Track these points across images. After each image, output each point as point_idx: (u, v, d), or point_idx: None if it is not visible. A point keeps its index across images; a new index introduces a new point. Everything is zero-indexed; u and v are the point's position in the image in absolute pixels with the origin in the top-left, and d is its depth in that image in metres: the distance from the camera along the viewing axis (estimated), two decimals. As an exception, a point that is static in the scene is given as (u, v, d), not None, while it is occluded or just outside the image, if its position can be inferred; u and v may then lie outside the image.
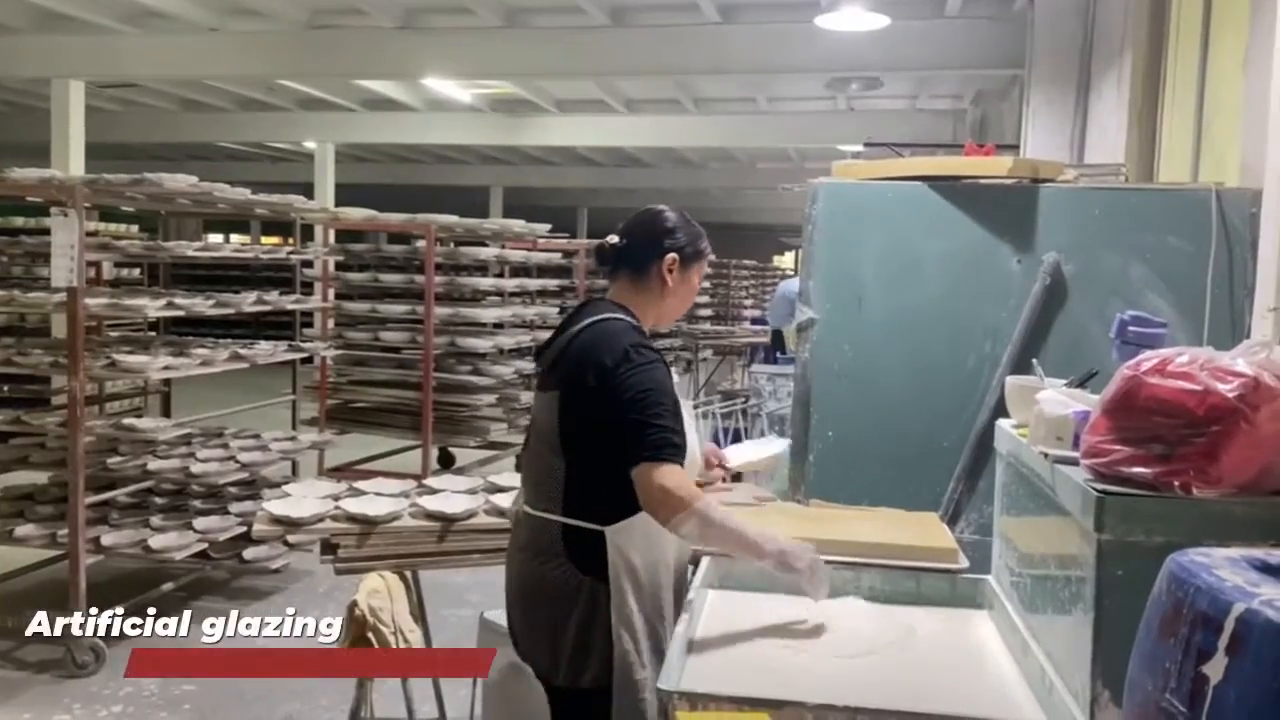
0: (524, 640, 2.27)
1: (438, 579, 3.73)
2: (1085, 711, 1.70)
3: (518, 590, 2.28)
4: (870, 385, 3.30)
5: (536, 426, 2.30)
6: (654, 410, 2.10)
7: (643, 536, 2.19)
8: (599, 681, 2.15)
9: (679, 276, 2.33)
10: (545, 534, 2.20)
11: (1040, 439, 2.00)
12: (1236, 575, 1.05)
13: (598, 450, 2.15)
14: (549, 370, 2.29)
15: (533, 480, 2.29)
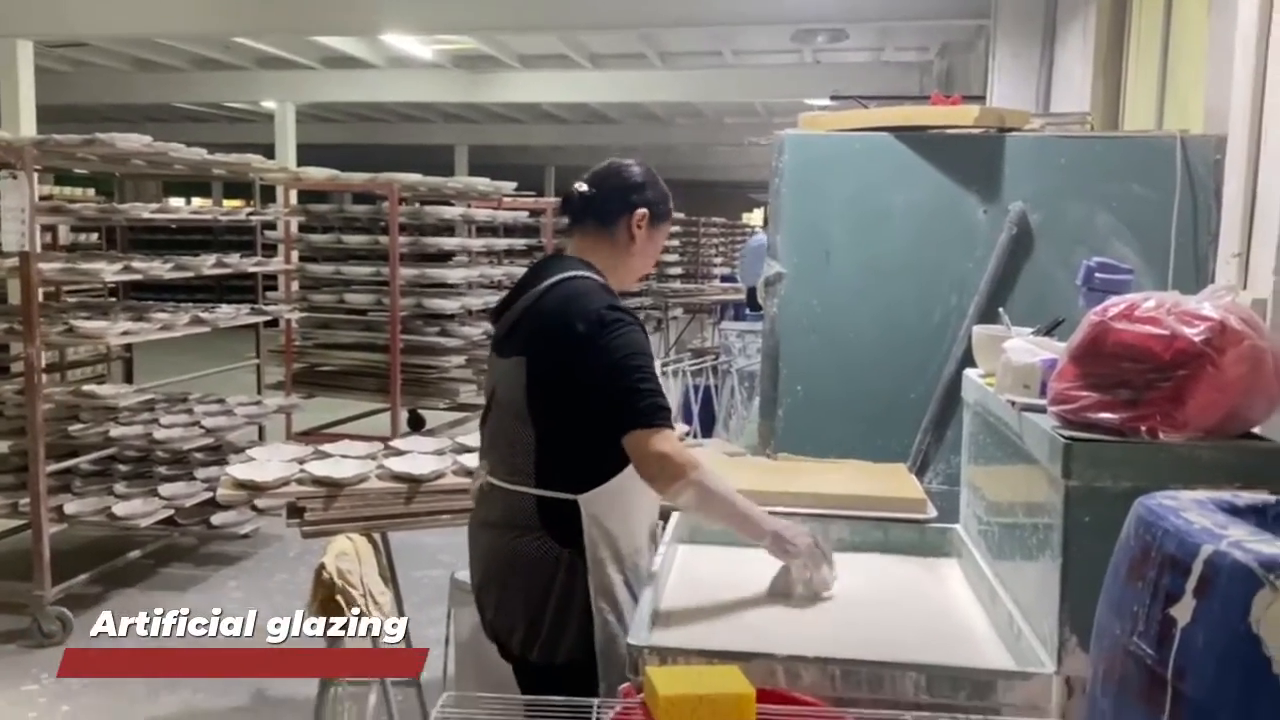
0: (497, 617, 2.18)
1: (408, 540, 3.71)
2: (1053, 656, 1.71)
3: (489, 566, 2.18)
4: (838, 339, 3.30)
5: (498, 395, 2.19)
6: (640, 375, 2.02)
7: (618, 503, 2.12)
8: (574, 655, 2.08)
9: (647, 234, 2.22)
10: (518, 507, 2.11)
11: (1007, 388, 1.99)
12: (1204, 518, 1.04)
13: (570, 418, 2.07)
14: (509, 334, 2.18)
15: (499, 452, 2.18)
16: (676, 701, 1.52)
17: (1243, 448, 1.62)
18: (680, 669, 1.65)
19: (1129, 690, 1.07)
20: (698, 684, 1.56)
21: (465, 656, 3.20)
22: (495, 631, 2.20)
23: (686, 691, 1.53)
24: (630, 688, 1.65)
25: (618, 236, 2.21)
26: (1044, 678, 1.68)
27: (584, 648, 2.08)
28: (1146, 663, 1.04)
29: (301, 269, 7.25)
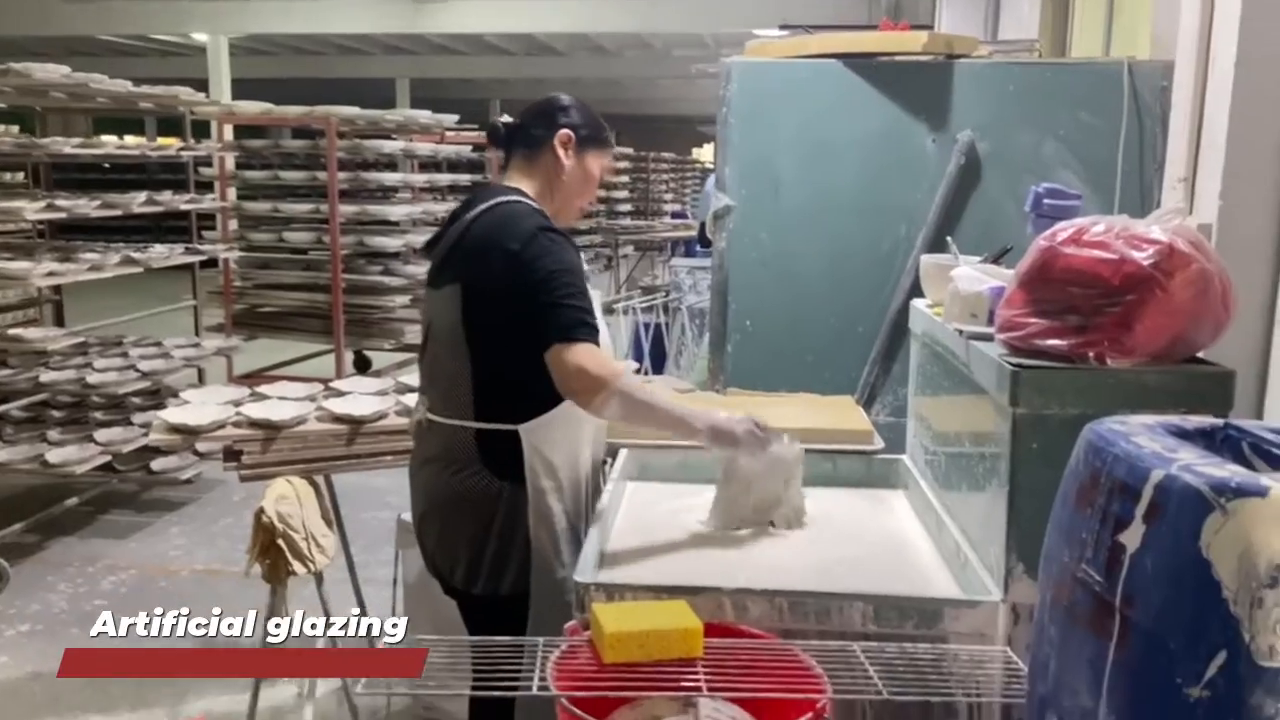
0: (439, 553, 2.15)
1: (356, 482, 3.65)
2: (999, 584, 1.71)
3: (429, 503, 2.15)
4: (787, 273, 3.26)
5: (435, 329, 2.14)
6: (564, 290, 1.96)
7: (560, 432, 2.09)
8: (517, 587, 2.07)
9: (575, 158, 2.16)
10: (457, 442, 2.07)
11: (955, 316, 1.97)
12: (1154, 442, 1.02)
13: (507, 345, 2.02)
14: (443, 264, 2.13)
15: (438, 388, 2.14)
16: (623, 638, 1.49)
17: (1189, 372, 1.61)
18: (627, 605, 1.62)
19: (1077, 617, 1.06)
20: (644, 619, 1.54)
21: (414, 597, 3.17)
22: (437, 567, 2.18)
23: (633, 627, 1.51)
24: (576, 625, 1.63)
25: (545, 161, 2.16)
26: (990, 605, 1.69)
27: (528, 580, 2.07)
28: (1095, 589, 1.02)
29: (238, 207, 7.03)
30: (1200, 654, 0.88)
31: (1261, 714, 0.86)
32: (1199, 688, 0.88)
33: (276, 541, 2.62)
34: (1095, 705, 1.00)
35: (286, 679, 3.35)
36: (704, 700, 1.51)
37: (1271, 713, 0.85)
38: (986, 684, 1.62)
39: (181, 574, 4.46)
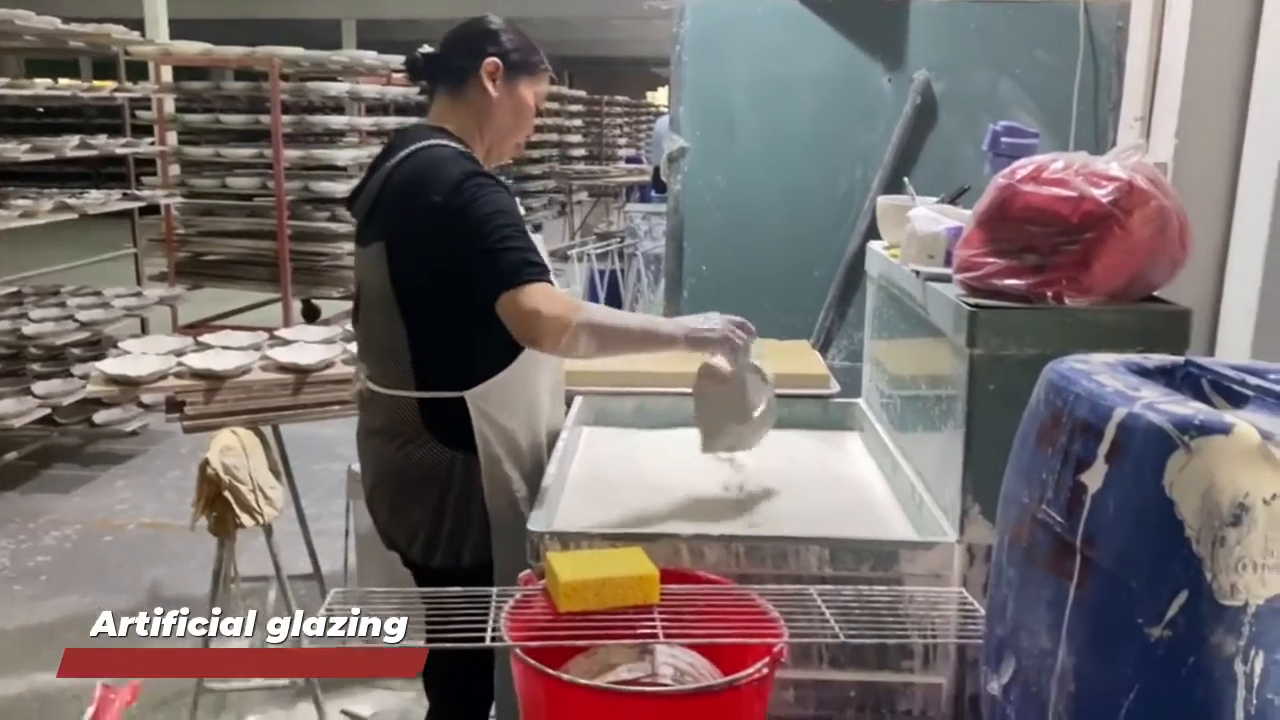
0: (393, 526, 2.02)
1: (306, 433, 3.59)
2: (955, 525, 1.71)
3: (379, 475, 2.01)
4: (742, 216, 3.23)
5: (365, 290, 1.96)
6: (499, 234, 1.77)
7: (512, 395, 1.95)
8: (477, 559, 1.94)
9: (504, 88, 1.95)
10: (401, 413, 1.92)
11: (912, 257, 1.95)
12: (1116, 380, 1.00)
13: (443, 307, 1.85)
14: (367, 219, 1.95)
15: (375, 354, 1.98)
16: (578, 586, 1.46)
17: (1146, 311, 1.60)
18: (582, 553, 1.59)
19: (1036, 558, 1.04)
20: (600, 567, 1.51)
21: (367, 549, 3.14)
22: (392, 540, 2.05)
23: (588, 576, 1.48)
24: (531, 575, 1.60)
25: (471, 95, 1.95)
26: (946, 547, 1.68)
27: (489, 550, 1.96)
28: (1055, 530, 1.01)
29: (179, 152, 6.81)
30: (1162, 594, 0.86)
31: (1222, 653, 0.85)
32: (1160, 627, 0.86)
33: (223, 494, 2.55)
34: (1055, 646, 0.99)
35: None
36: (660, 647, 1.49)
37: (1232, 651, 0.84)
38: (942, 625, 1.62)
39: (128, 528, 4.37)
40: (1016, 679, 1.07)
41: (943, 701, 1.74)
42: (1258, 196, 2.08)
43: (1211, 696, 0.85)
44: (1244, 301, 2.10)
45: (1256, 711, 0.85)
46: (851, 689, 1.72)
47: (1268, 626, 0.84)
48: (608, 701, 1.35)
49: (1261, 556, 0.83)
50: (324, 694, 2.91)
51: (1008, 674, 1.09)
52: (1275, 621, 0.84)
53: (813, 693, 1.72)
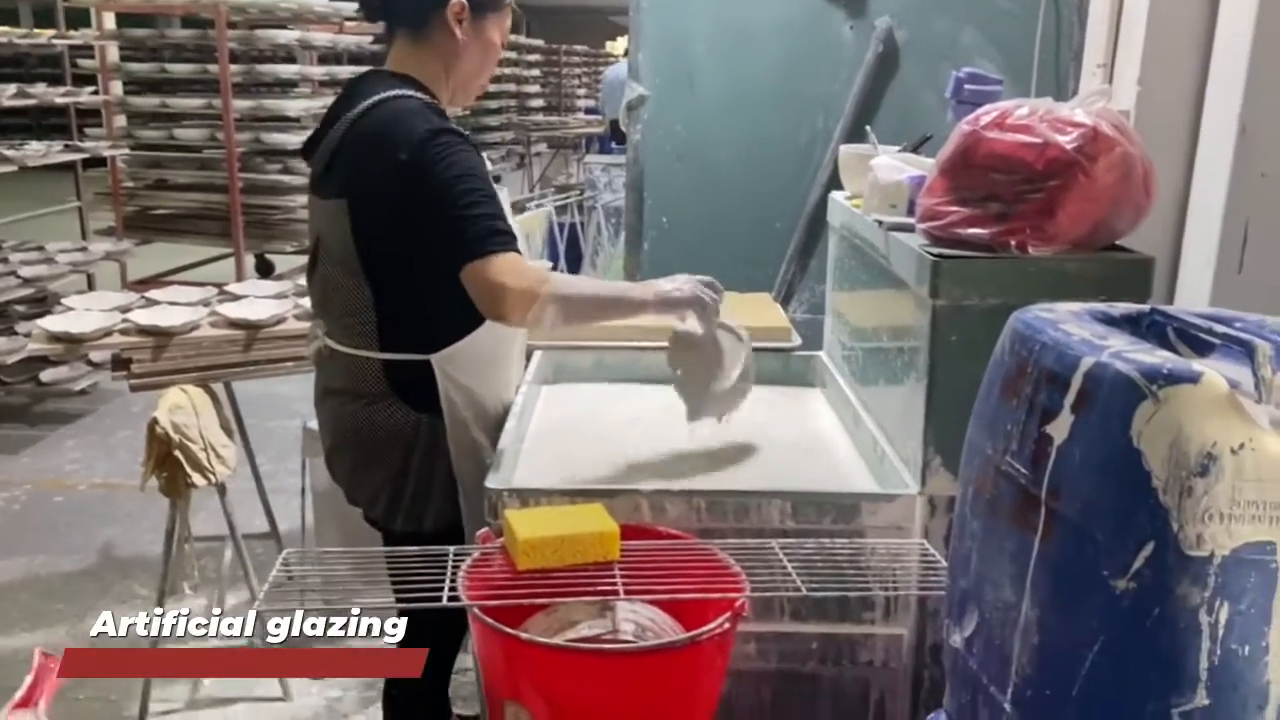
0: (354, 488, 1.96)
1: (260, 390, 3.52)
2: (916, 477, 1.70)
3: (340, 437, 1.94)
4: (703, 166, 3.18)
5: (325, 244, 1.88)
6: (466, 200, 1.70)
7: (481, 358, 1.89)
8: (441, 523, 1.89)
9: (471, 30, 1.85)
10: (364, 374, 1.86)
11: (874, 207, 1.92)
12: (1083, 329, 0.98)
13: (408, 267, 1.80)
14: (326, 171, 1.86)
15: (335, 312, 1.89)
16: (536, 544, 1.44)
17: (1109, 259, 1.59)
18: (541, 510, 1.56)
19: (1000, 510, 1.03)
20: (559, 524, 1.48)
21: (324, 507, 3.09)
22: (354, 500, 2.00)
23: (547, 533, 1.45)
24: (489, 533, 1.57)
25: (436, 39, 1.85)
26: (908, 498, 1.68)
27: (452, 514, 1.90)
28: (1020, 482, 0.99)
29: (123, 102, 6.60)
30: (1128, 545, 0.85)
31: (1187, 604, 0.84)
32: (1125, 579, 0.85)
33: (173, 454, 2.50)
34: (1018, 599, 0.98)
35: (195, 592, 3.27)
36: (621, 603, 1.48)
37: (1197, 602, 0.84)
38: (903, 576, 1.62)
39: (79, 489, 4.29)
40: (979, 632, 1.06)
41: (904, 651, 1.74)
42: (1219, 144, 2.07)
43: (1176, 648, 0.84)
44: (1204, 250, 2.10)
45: (1220, 662, 0.84)
46: (813, 640, 1.72)
47: (1233, 577, 0.83)
48: (567, 660, 1.33)
49: (1228, 507, 0.82)
50: (283, 653, 2.88)
51: (970, 627, 1.08)
52: (1241, 572, 0.83)
53: (774, 645, 1.72)
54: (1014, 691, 0.98)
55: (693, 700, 1.40)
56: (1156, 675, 0.85)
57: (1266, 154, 2.01)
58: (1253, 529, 0.83)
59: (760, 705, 1.76)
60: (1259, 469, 0.82)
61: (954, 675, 1.14)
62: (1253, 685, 0.84)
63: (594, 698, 1.32)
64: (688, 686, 1.38)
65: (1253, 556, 0.83)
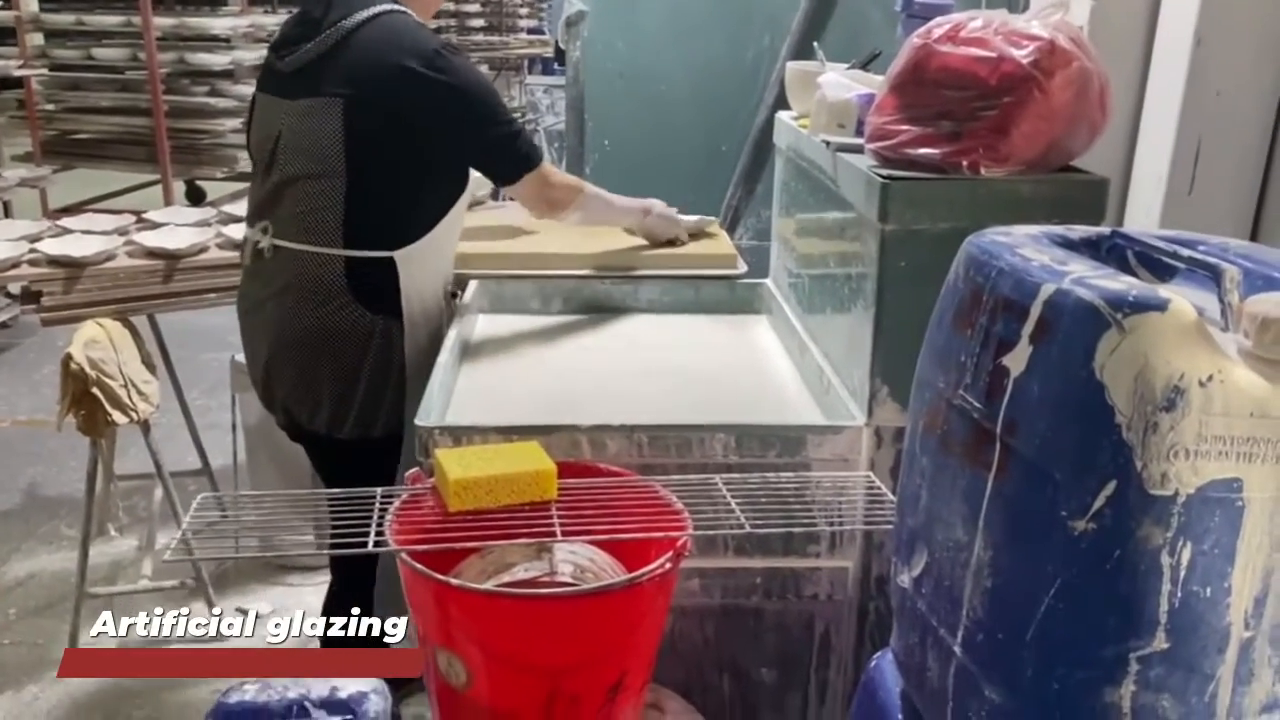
0: (295, 396, 1.93)
1: (190, 322, 3.38)
2: (863, 408, 1.65)
3: (282, 343, 1.91)
4: (646, 86, 3.07)
5: (290, 144, 1.87)
6: (503, 116, 1.94)
7: (432, 261, 1.95)
8: (390, 428, 1.90)
9: None
10: (320, 272, 1.85)
11: (822, 127, 1.84)
12: (1041, 254, 0.92)
13: (395, 167, 1.85)
14: (304, 74, 1.87)
15: (289, 210, 1.88)
16: (469, 484, 1.37)
17: (1064, 180, 1.52)
18: (474, 449, 1.48)
19: (952, 446, 0.97)
20: (492, 463, 1.41)
21: (256, 442, 2.99)
22: (291, 412, 1.97)
23: (480, 473, 1.38)
24: (418, 473, 1.49)
25: None
26: (854, 430, 1.63)
27: (400, 419, 1.91)
28: (973, 417, 0.93)
29: (37, 19, 6.23)
30: (1088, 485, 0.80)
31: (1149, 545, 0.79)
32: (1085, 520, 0.80)
33: (90, 391, 2.37)
34: (970, 539, 0.93)
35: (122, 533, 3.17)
36: (559, 544, 1.42)
37: (1159, 543, 0.79)
38: (849, 509, 1.58)
39: (2, 425, 4.12)
40: (929, 572, 1.02)
41: (849, 584, 1.71)
42: (1172, 59, 2.01)
43: (1136, 591, 0.80)
44: (1154, 170, 2.05)
45: (1181, 604, 0.80)
46: (757, 575, 1.68)
47: (1197, 516, 0.78)
48: (501, 606, 1.27)
49: (1195, 443, 0.77)
50: (217, 592, 2.80)
51: (919, 566, 1.04)
52: (1205, 511, 0.78)
53: (718, 580, 1.68)
54: (965, 634, 0.94)
55: (634, 642, 1.35)
56: (1115, 619, 0.81)
57: (1222, 70, 1.95)
58: (1219, 466, 0.78)
59: (704, 641, 1.73)
60: (1227, 402, 0.77)
61: (901, 615, 1.10)
62: (1214, 627, 0.81)
63: (530, 644, 1.27)
64: (628, 629, 1.33)
65: (1218, 495, 0.78)
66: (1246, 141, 1.99)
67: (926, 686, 1.02)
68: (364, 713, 1.47)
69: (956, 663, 0.95)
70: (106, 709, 2.49)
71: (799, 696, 1.77)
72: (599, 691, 1.33)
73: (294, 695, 1.50)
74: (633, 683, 1.37)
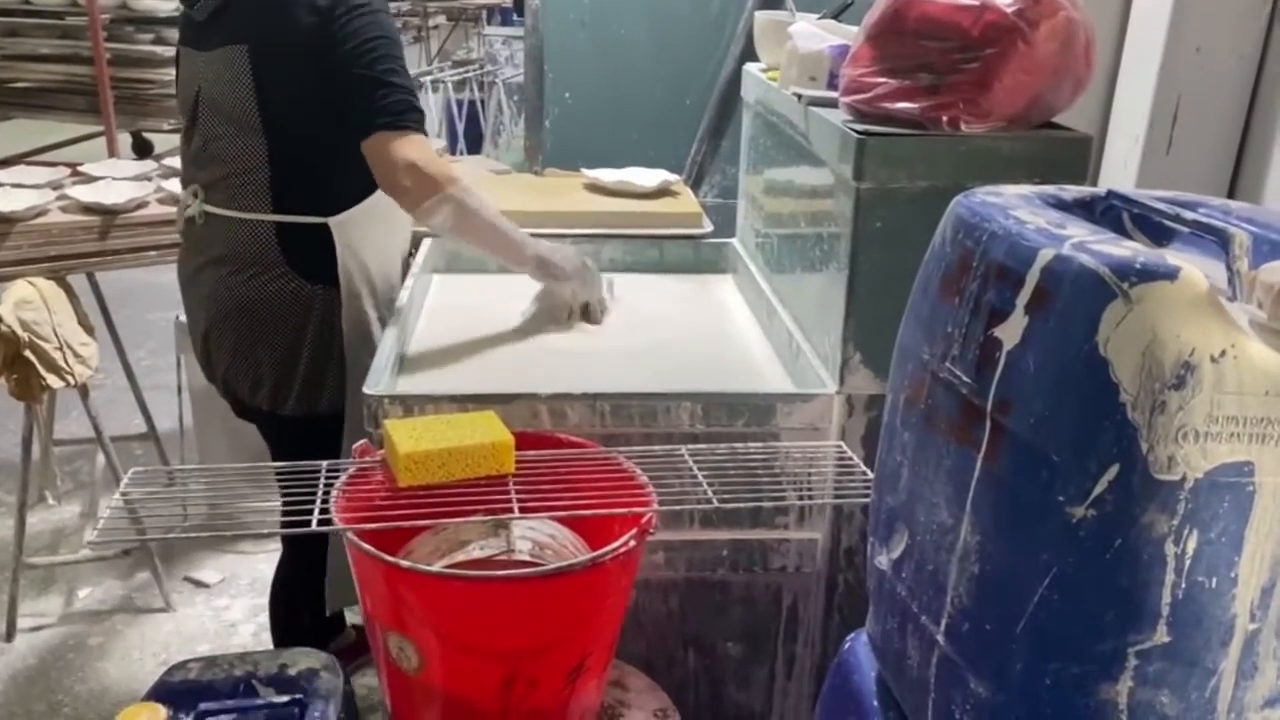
0: (236, 371, 1.83)
1: (136, 280, 3.24)
2: (834, 376, 1.59)
3: (220, 314, 1.80)
4: (608, 36, 2.96)
5: (207, 100, 1.74)
6: (386, 65, 1.65)
7: (374, 227, 1.80)
8: (336, 405, 1.81)
9: None
10: (252, 240, 1.74)
11: (792, 80, 1.76)
12: (1037, 216, 0.85)
13: (313, 121, 1.70)
14: (214, 21, 1.73)
15: (219, 171, 1.76)
16: (420, 458, 1.29)
17: (1047, 138, 1.46)
18: (427, 419, 1.40)
19: (937, 422, 0.91)
20: (445, 435, 1.33)
21: (204, 405, 2.87)
22: (232, 387, 1.86)
23: (432, 445, 1.30)
24: (368, 445, 1.41)
25: None
26: (825, 398, 1.57)
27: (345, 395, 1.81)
28: (961, 391, 0.87)
29: (-33, -39, 5.93)
30: (1088, 468, 0.73)
31: (1153, 533, 0.73)
32: (1084, 506, 0.74)
33: (23, 354, 2.25)
34: (957, 522, 0.87)
35: (62, 501, 3.05)
36: (517, 521, 1.34)
37: (1164, 531, 0.73)
38: (819, 481, 1.52)
39: (-63, 389, 3.96)
40: (910, 554, 0.96)
41: (818, 556, 1.66)
42: (1152, 14, 1.94)
43: (1137, 581, 0.74)
44: (1132, 128, 1.99)
45: (1185, 595, 0.74)
46: (724, 548, 1.62)
47: (1204, 503, 0.73)
48: (455, 588, 1.20)
49: (1205, 424, 0.71)
50: (164, 562, 2.71)
51: (899, 548, 0.98)
52: (1214, 497, 0.73)
53: (683, 553, 1.62)
54: (949, 623, 0.88)
55: (596, 622, 1.29)
56: (1113, 611, 0.75)
57: (1202, 26, 1.89)
58: (1230, 448, 0.72)
59: (668, 614, 1.67)
60: (1240, 380, 0.71)
61: (879, 598, 1.04)
62: (1218, 619, 0.75)
63: (486, 627, 1.20)
64: (590, 610, 1.26)
65: (1228, 479, 0.72)
66: (1226, 100, 1.93)
67: (906, 675, 0.96)
68: (314, 690, 1.41)
69: (939, 652, 0.89)
70: (49, 681, 2.40)
71: (765, 670, 1.72)
72: (559, 674, 1.26)
73: (240, 673, 1.43)
74: (594, 664, 1.31)
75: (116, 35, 5.86)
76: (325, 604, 1.87)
